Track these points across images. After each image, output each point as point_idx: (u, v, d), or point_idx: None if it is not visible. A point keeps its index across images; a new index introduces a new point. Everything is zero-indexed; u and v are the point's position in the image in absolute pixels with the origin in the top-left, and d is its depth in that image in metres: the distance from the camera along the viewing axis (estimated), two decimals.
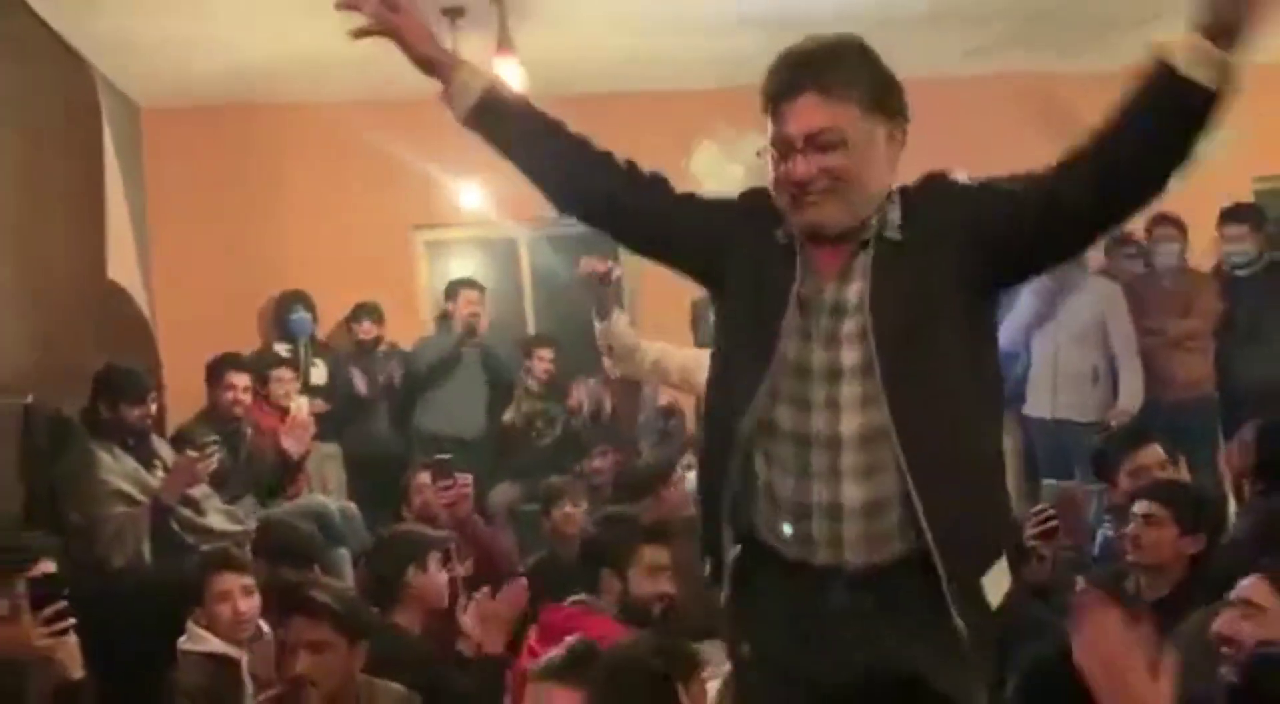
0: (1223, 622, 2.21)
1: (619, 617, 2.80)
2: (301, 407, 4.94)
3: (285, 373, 5.25)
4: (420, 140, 5.79)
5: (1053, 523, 3.13)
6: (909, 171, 2.05)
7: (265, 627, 2.96)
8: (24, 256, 4.20)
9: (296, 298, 5.81)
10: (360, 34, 1.77)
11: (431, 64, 1.85)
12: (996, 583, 1.70)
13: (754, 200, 1.83)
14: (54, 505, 3.78)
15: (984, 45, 6.06)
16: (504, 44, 3.70)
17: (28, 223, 4.26)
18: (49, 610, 2.62)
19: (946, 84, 6.51)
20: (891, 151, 1.75)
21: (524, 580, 3.00)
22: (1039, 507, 3.26)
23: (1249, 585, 2.24)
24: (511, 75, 3.79)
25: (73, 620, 2.61)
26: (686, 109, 6.33)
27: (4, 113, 4.12)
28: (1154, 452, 3.61)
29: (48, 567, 2.81)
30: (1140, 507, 2.97)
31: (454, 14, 4.77)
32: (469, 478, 3.89)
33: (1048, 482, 4.43)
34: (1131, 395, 5.10)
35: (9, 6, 4.24)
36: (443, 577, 3.15)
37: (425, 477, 4.09)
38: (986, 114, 6.44)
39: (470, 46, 4.76)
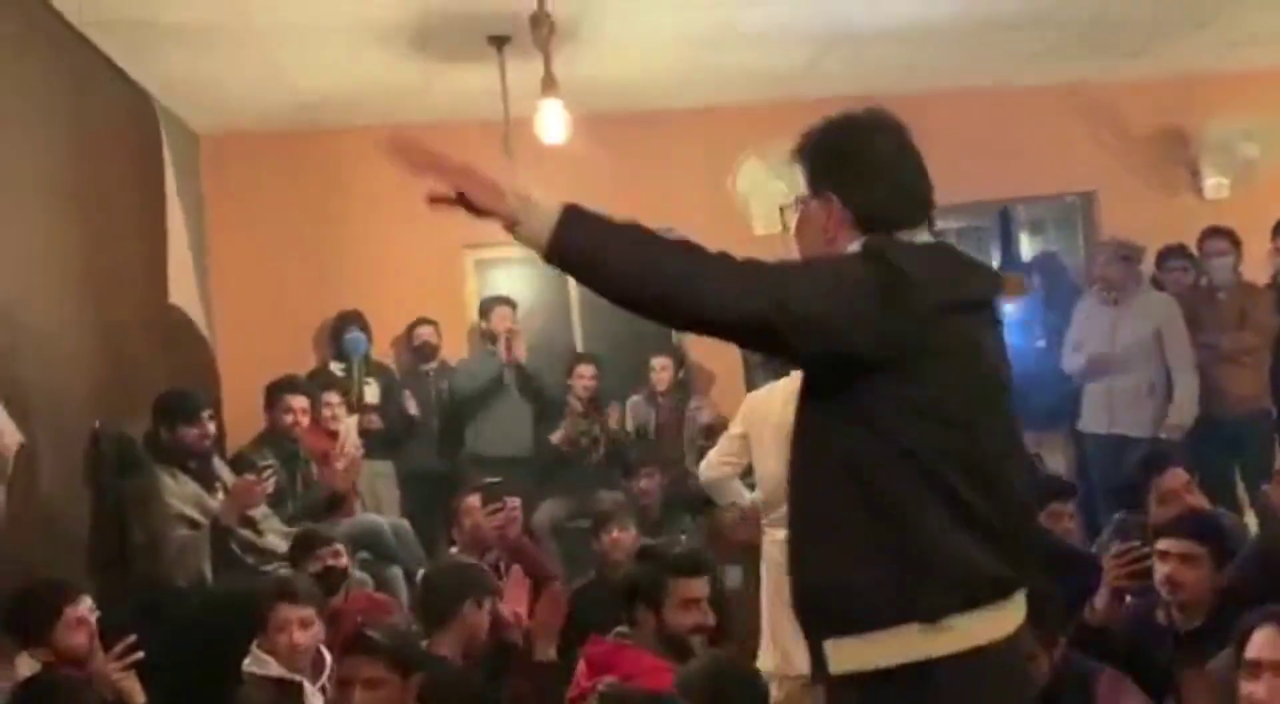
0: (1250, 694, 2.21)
1: (658, 650, 2.82)
2: (350, 429, 5.04)
3: (333, 396, 5.32)
4: (468, 160, 5.90)
5: (1145, 563, 2.90)
6: (969, 181, 2.10)
7: (327, 654, 3.05)
8: (91, 283, 4.33)
9: (352, 318, 5.92)
10: (436, 201, 1.76)
11: (504, 218, 1.73)
12: (853, 651, 1.65)
13: None
14: (120, 527, 3.91)
15: (1035, 54, 6.03)
16: (549, 85, 3.75)
17: (94, 250, 4.40)
18: (120, 647, 2.76)
19: (991, 94, 6.51)
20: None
21: (558, 584, 3.04)
22: (1127, 545, 3.00)
23: (1261, 642, 2.22)
24: (556, 117, 3.84)
25: (140, 655, 2.74)
26: (731, 124, 6.39)
27: (69, 143, 4.26)
28: (1177, 475, 3.58)
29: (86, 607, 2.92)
30: (1175, 545, 2.86)
31: (500, 42, 4.85)
32: (517, 502, 3.97)
33: (1118, 516, 4.35)
34: (1185, 409, 5.05)
35: (73, 43, 4.39)
36: (486, 617, 3.25)
37: (474, 499, 4.15)
38: (1036, 122, 6.42)
39: (516, 74, 4.86)
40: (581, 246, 1.64)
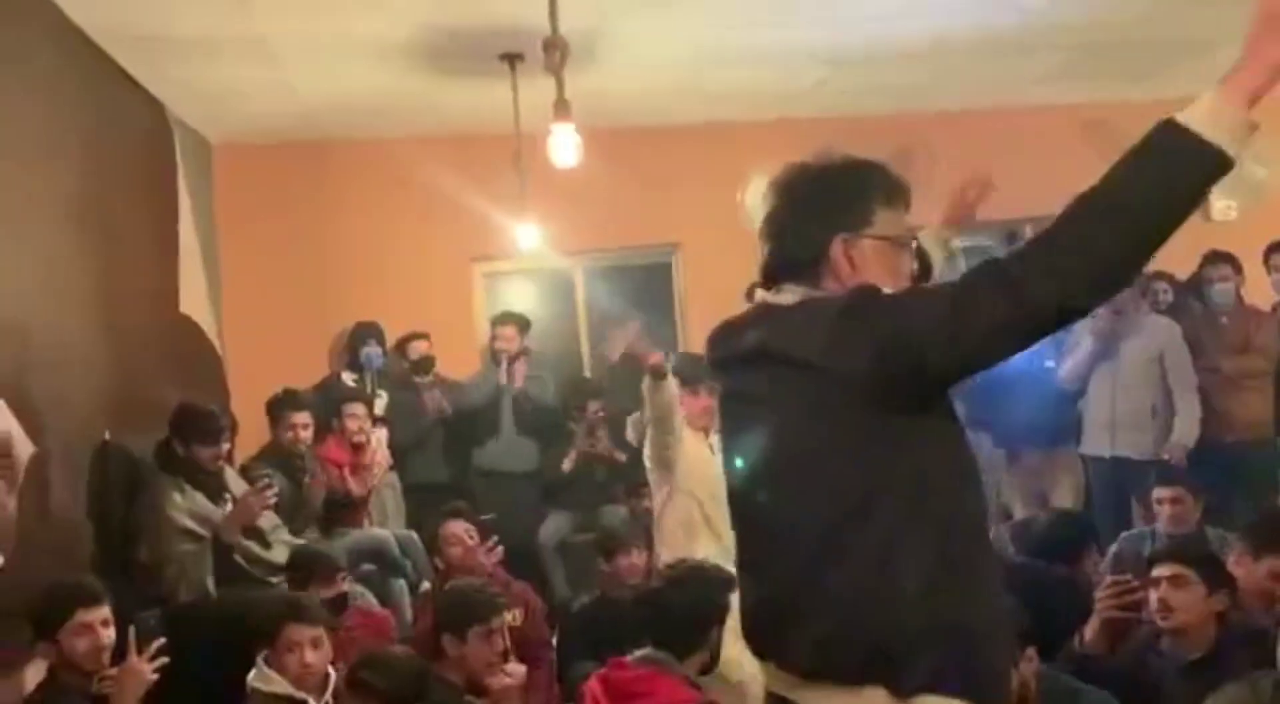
0: None
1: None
2: (381, 440, 5.05)
3: (358, 408, 5.29)
4: (477, 175, 5.94)
5: (1137, 595, 2.92)
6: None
7: (331, 671, 3.06)
8: (104, 293, 4.36)
9: (371, 331, 5.90)
10: None
11: None
12: None
13: None
14: (125, 542, 3.92)
15: (1042, 76, 6.06)
16: (561, 110, 3.77)
17: (107, 260, 4.43)
18: (153, 647, 2.84)
19: (997, 115, 6.53)
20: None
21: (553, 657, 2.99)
22: (1117, 577, 3.05)
23: None
24: (568, 141, 3.86)
25: (166, 660, 2.78)
26: (740, 142, 6.40)
27: (83, 152, 4.29)
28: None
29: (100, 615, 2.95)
30: (1165, 569, 2.89)
31: (513, 59, 4.88)
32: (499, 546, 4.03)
33: (1127, 534, 4.37)
34: (1187, 429, 5.06)
35: (89, 54, 4.43)
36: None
37: (455, 527, 4.10)
38: (1049, 142, 6.43)
39: (529, 91, 4.89)
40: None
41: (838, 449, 1.60)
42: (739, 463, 1.77)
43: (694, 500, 3.91)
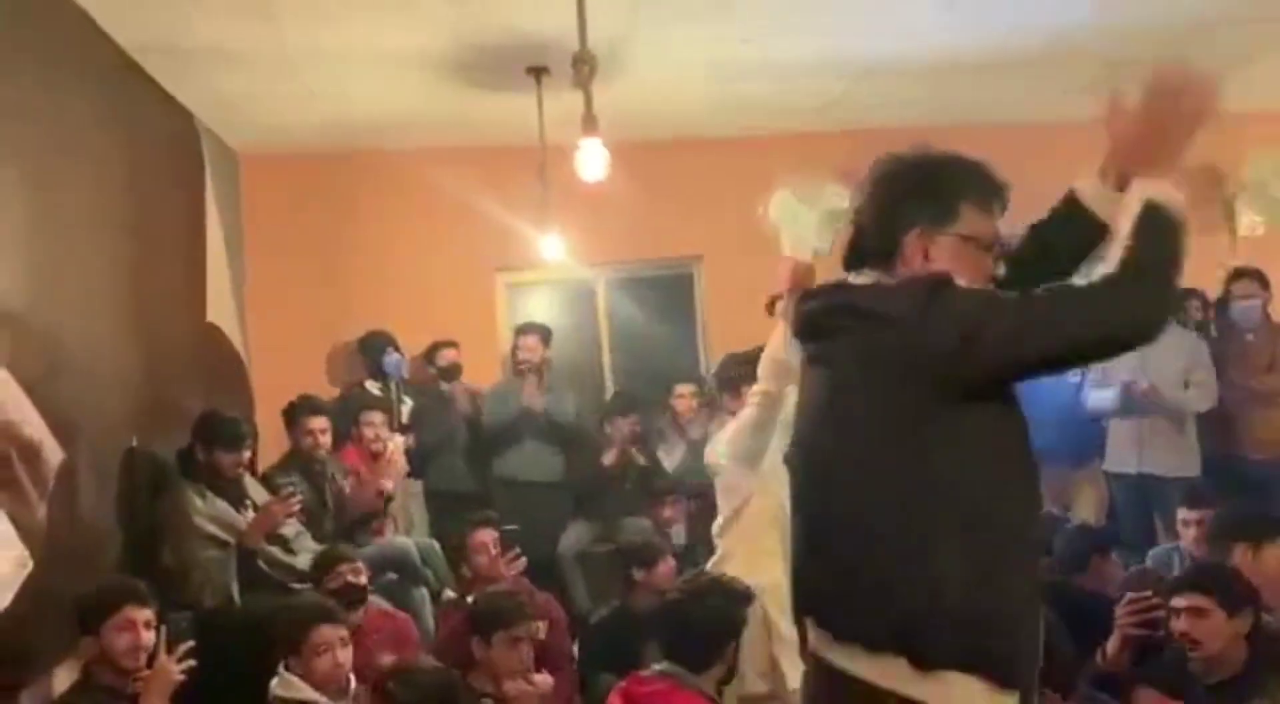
0: None
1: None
2: (398, 445, 5.08)
3: (375, 416, 5.32)
4: (502, 186, 5.98)
5: (1157, 613, 2.95)
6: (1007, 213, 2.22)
7: (352, 677, 3.09)
8: (134, 302, 4.41)
9: (385, 339, 5.93)
10: None
11: None
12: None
13: None
14: (150, 549, 3.96)
15: (1066, 90, 6.04)
16: (589, 124, 3.79)
17: (138, 269, 4.47)
18: (182, 649, 2.90)
19: (1019, 129, 6.51)
20: None
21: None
22: (1138, 595, 3.05)
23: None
24: (596, 155, 3.88)
25: (194, 663, 2.82)
26: (762, 154, 6.42)
27: (115, 160, 4.34)
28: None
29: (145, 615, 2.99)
30: (1184, 600, 2.88)
31: (538, 73, 4.91)
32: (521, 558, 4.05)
33: (1155, 551, 4.36)
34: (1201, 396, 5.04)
35: (122, 65, 4.49)
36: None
37: (484, 535, 4.14)
38: (1065, 158, 6.40)
39: (554, 103, 4.93)
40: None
41: (902, 420, 1.65)
42: (815, 425, 1.79)
43: (777, 500, 3.90)
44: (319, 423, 4.93)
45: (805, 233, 6.39)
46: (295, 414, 4.98)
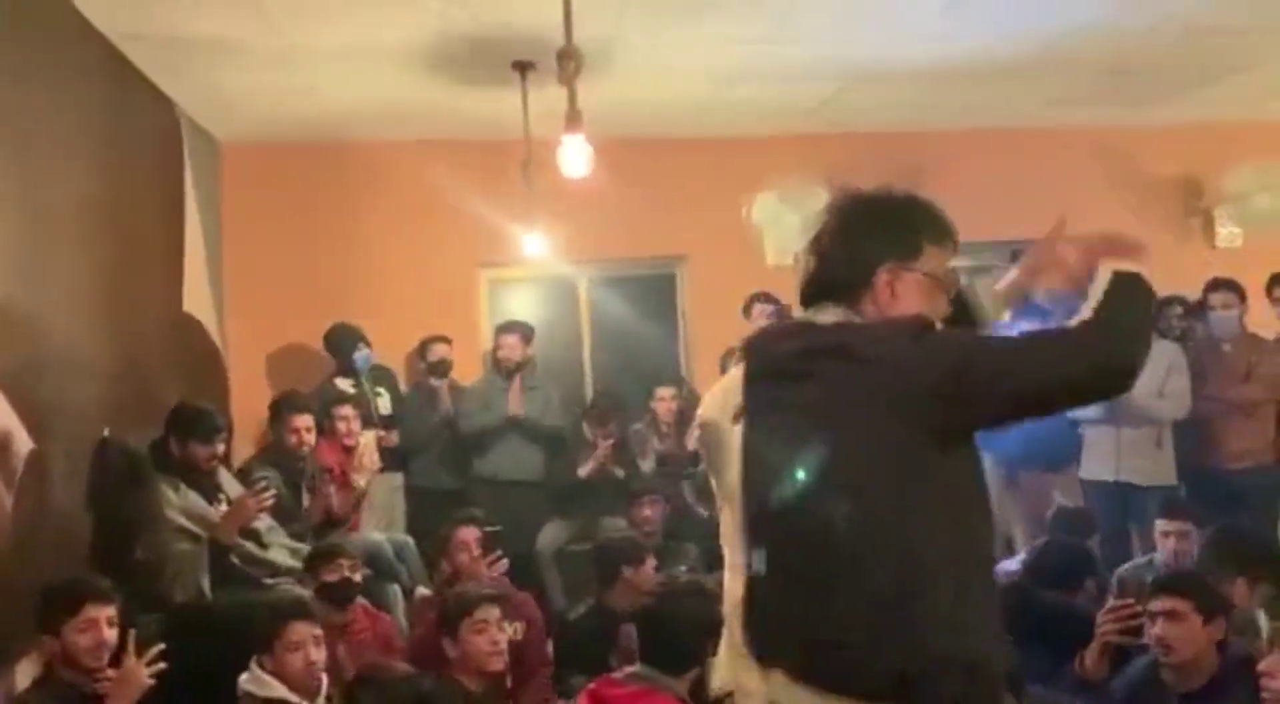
0: None
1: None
2: (369, 444, 5.04)
3: (347, 410, 5.28)
4: (485, 181, 5.95)
5: (1139, 620, 2.94)
6: (982, 220, 2.22)
7: (324, 676, 3.06)
8: (111, 291, 4.36)
9: (354, 334, 5.83)
10: None
11: None
12: None
13: None
14: (121, 542, 3.91)
15: (1053, 99, 6.07)
16: (573, 120, 3.77)
17: (116, 259, 4.43)
18: (151, 652, 2.87)
19: (1007, 136, 6.54)
20: None
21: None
22: (1118, 601, 3.07)
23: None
24: (579, 152, 3.86)
25: (164, 665, 2.78)
26: (749, 156, 6.42)
27: (93, 148, 4.29)
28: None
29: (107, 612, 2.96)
30: (1161, 603, 2.88)
31: (524, 68, 4.88)
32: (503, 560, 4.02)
33: (1129, 565, 4.36)
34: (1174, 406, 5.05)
35: (105, 54, 4.44)
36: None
37: (467, 533, 4.12)
38: (1058, 164, 6.44)
39: (539, 99, 4.90)
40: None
41: (893, 464, 1.62)
42: (790, 470, 1.71)
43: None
44: (304, 420, 4.90)
45: (788, 236, 6.39)
46: (281, 410, 4.94)
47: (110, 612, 2.97)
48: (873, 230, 1.78)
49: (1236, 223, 6.82)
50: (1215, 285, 5.34)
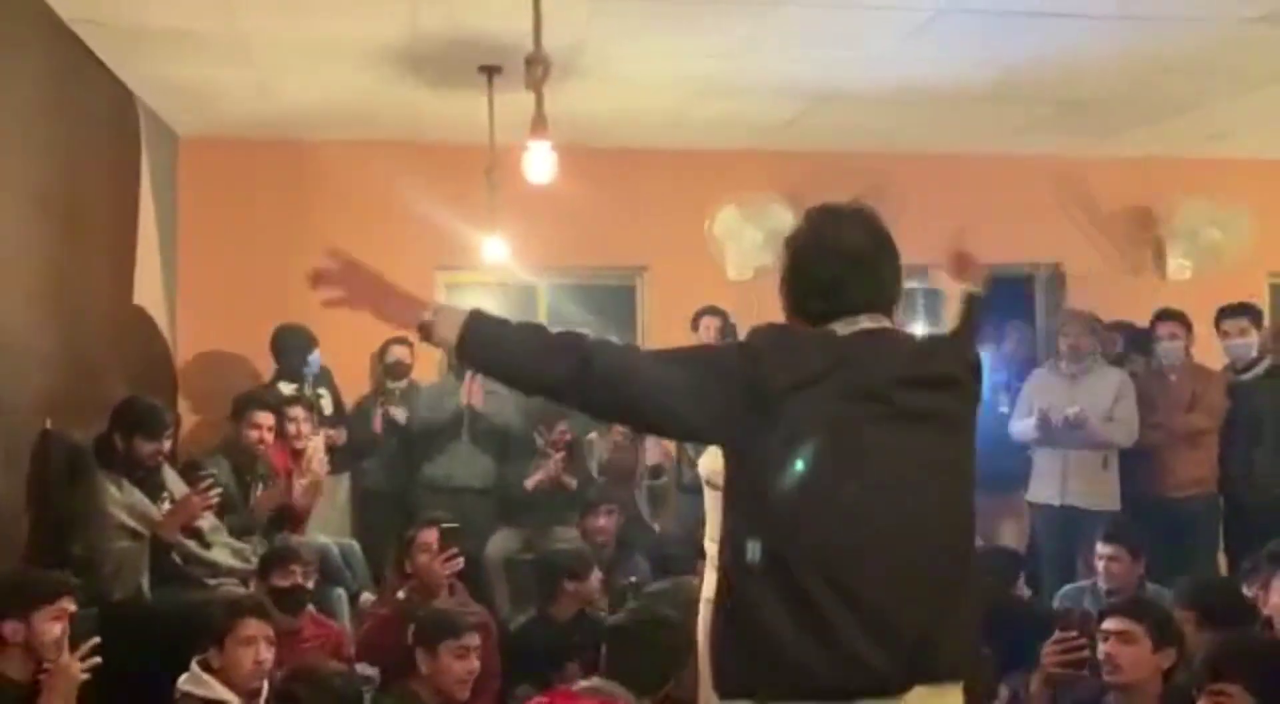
0: None
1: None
2: (318, 448, 4.98)
3: (299, 411, 5.19)
4: (446, 184, 5.91)
5: (1083, 653, 2.95)
6: (939, 244, 2.53)
7: (265, 684, 3.00)
8: (57, 280, 4.26)
9: (302, 336, 5.68)
10: (331, 304, 1.91)
11: (414, 328, 1.87)
12: None
13: None
14: (60, 536, 3.83)
15: (1015, 127, 6.16)
16: (538, 126, 3.76)
17: (63, 247, 4.34)
18: (85, 648, 2.81)
19: (966, 161, 6.62)
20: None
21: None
22: (1063, 634, 3.03)
23: None
24: (544, 159, 3.85)
25: (99, 660, 2.72)
26: (712, 170, 6.44)
27: (46, 135, 4.21)
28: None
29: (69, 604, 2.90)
30: (1113, 624, 2.92)
31: (490, 72, 4.87)
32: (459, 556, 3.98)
33: (1067, 589, 4.42)
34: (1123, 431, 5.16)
35: (60, 38, 4.36)
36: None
37: (429, 535, 4.07)
38: (1020, 191, 6.53)
39: (505, 105, 4.88)
40: (484, 342, 1.83)
41: (966, 469, 1.91)
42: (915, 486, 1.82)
43: None
44: (266, 419, 4.83)
45: (748, 250, 6.42)
46: (244, 407, 4.87)
47: (73, 607, 2.94)
48: (895, 253, 1.96)
49: (1185, 256, 6.96)
50: (1162, 316, 5.44)
